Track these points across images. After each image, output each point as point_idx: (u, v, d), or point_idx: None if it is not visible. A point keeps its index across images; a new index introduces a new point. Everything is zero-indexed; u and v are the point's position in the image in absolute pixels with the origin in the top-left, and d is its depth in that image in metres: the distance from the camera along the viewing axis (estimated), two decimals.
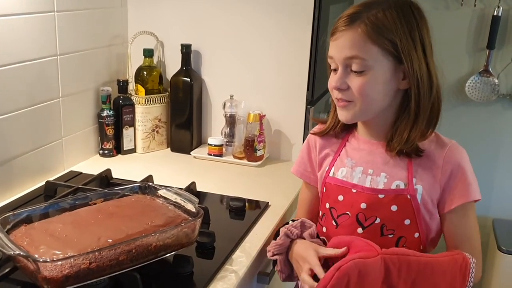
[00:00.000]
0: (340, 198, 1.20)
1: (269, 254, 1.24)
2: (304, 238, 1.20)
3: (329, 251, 1.13)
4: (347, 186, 1.20)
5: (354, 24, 1.09)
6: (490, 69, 2.31)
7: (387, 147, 1.17)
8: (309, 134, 1.33)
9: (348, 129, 1.26)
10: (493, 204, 2.48)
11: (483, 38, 2.31)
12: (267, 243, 1.32)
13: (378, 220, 1.16)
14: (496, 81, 2.31)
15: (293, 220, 1.25)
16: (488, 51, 2.29)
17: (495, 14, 2.24)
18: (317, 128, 1.31)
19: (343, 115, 1.16)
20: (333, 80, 1.13)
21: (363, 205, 1.16)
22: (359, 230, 1.17)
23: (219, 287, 1.10)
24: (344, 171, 1.22)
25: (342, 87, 1.11)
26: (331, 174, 1.24)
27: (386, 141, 1.18)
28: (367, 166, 1.19)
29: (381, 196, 1.15)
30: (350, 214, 1.18)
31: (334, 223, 1.21)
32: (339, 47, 1.11)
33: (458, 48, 2.37)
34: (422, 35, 1.12)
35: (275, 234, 1.25)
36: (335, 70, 1.14)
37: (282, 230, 1.21)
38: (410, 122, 1.13)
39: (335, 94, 1.15)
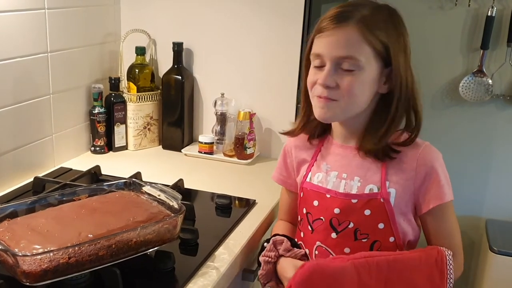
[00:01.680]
0: (315, 203, 1.21)
1: (262, 287, 1.25)
2: (283, 256, 1.20)
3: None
4: (321, 192, 1.20)
5: (347, 23, 1.09)
6: (484, 70, 2.31)
7: (359, 149, 1.17)
8: (287, 141, 1.34)
9: (323, 134, 1.26)
10: (486, 204, 2.48)
11: (477, 38, 2.31)
12: (251, 240, 1.33)
13: (351, 225, 1.16)
14: (490, 81, 2.31)
15: (264, 243, 1.24)
16: (482, 51, 2.29)
17: (489, 14, 2.24)
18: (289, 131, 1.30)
19: (322, 113, 1.15)
20: (320, 77, 1.12)
21: (336, 210, 1.17)
22: (333, 235, 1.18)
23: (200, 283, 1.11)
24: (320, 176, 1.23)
25: (331, 84, 1.11)
26: (308, 180, 1.25)
27: (357, 145, 1.18)
28: (341, 170, 1.20)
29: (354, 201, 1.16)
30: (324, 219, 1.19)
31: (310, 228, 1.23)
32: (331, 45, 1.10)
33: (452, 48, 2.37)
34: (406, 41, 1.14)
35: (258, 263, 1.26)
36: (320, 67, 1.13)
37: (262, 259, 1.22)
38: (386, 125, 1.14)
39: (319, 91, 1.13)
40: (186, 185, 1.55)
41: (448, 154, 1.22)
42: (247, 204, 1.49)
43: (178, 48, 1.86)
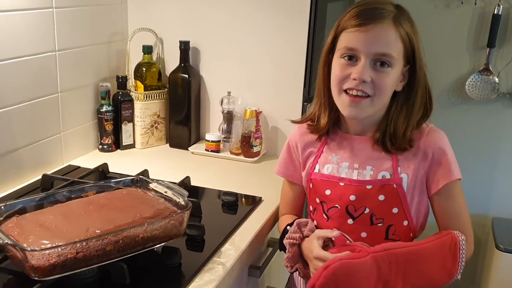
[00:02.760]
0: (328, 192, 1.23)
1: (289, 270, 1.26)
2: (308, 236, 1.21)
3: (325, 233, 1.16)
4: (333, 180, 1.23)
5: (383, 20, 1.12)
6: (491, 68, 2.31)
7: (377, 143, 1.20)
8: (289, 135, 1.36)
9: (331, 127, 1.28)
10: (492, 203, 2.48)
11: (484, 36, 2.31)
12: (256, 237, 1.34)
13: (367, 210, 1.19)
14: (497, 79, 2.31)
15: (287, 226, 1.26)
16: (488, 49, 2.29)
17: (495, 12, 2.24)
18: (308, 126, 1.30)
19: (353, 112, 1.16)
20: (356, 71, 1.12)
21: (352, 197, 1.20)
22: (349, 221, 1.21)
23: (206, 278, 1.12)
24: (329, 167, 1.24)
25: (367, 79, 1.12)
26: (316, 171, 1.26)
27: (371, 136, 1.21)
28: (352, 161, 1.22)
29: (368, 187, 1.19)
30: (339, 207, 1.22)
31: (325, 216, 1.25)
32: (368, 41, 1.12)
33: (459, 47, 2.37)
34: (418, 40, 1.18)
35: (280, 247, 1.28)
36: (351, 61, 1.14)
37: (286, 242, 1.23)
38: (406, 121, 1.18)
39: (352, 84, 1.13)
40: (193, 183, 1.57)
41: (454, 152, 1.23)
42: (253, 201, 1.51)
43: (184, 47, 1.88)
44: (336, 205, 1.22)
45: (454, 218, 1.21)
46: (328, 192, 1.23)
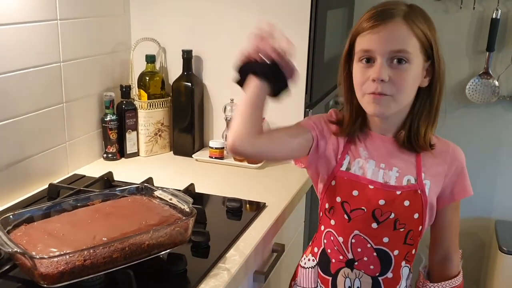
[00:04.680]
0: (355, 193, 1.21)
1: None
2: None
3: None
4: (363, 182, 1.21)
5: (394, 18, 1.13)
6: (490, 71, 2.33)
7: (401, 142, 1.21)
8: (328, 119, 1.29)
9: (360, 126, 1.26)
10: (495, 205, 2.49)
11: (483, 40, 2.32)
12: (261, 242, 1.36)
13: (392, 215, 1.19)
14: (497, 83, 2.32)
15: None
16: (487, 53, 2.31)
17: (494, 16, 2.25)
18: (335, 130, 1.27)
19: (377, 109, 1.16)
20: (373, 72, 1.13)
21: (381, 202, 1.19)
22: (374, 225, 1.20)
23: (211, 284, 1.14)
24: (360, 162, 1.22)
25: (385, 78, 1.12)
26: (343, 168, 1.24)
27: (395, 136, 1.22)
28: (379, 160, 1.22)
29: (398, 192, 1.19)
30: (366, 210, 1.20)
31: (346, 217, 1.23)
32: (381, 40, 1.13)
33: (458, 51, 2.39)
34: (435, 35, 1.18)
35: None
36: (368, 64, 1.15)
37: None
38: (428, 119, 1.20)
39: (372, 88, 1.14)
40: (197, 190, 1.59)
41: None
42: (258, 207, 1.52)
43: (187, 56, 1.90)
44: (363, 208, 1.21)
45: (453, 231, 1.28)
46: (355, 193, 1.21)
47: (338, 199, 1.24)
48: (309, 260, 1.34)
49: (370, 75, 1.14)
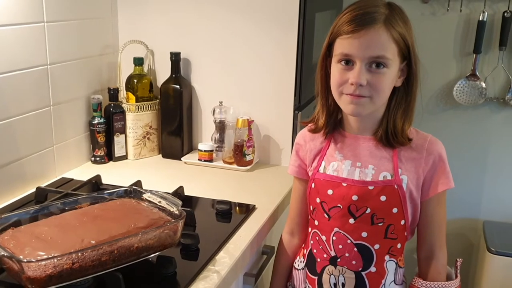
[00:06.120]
0: (330, 192, 1.26)
1: None
2: None
3: None
4: (336, 181, 1.26)
5: (375, 24, 1.15)
6: (477, 73, 2.34)
7: (379, 140, 1.24)
8: (297, 135, 1.40)
9: (335, 126, 1.32)
10: (483, 206, 2.50)
11: (470, 42, 2.34)
12: (251, 244, 1.35)
13: (368, 210, 1.23)
14: (484, 84, 2.34)
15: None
16: (474, 55, 2.32)
17: (480, 19, 2.27)
18: (309, 127, 1.36)
19: (355, 109, 1.20)
20: (352, 76, 1.17)
21: (354, 197, 1.23)
22: (351, 220, 1.24)
23: (201, 287, 1.13)
24: (335, 164, 1.28)
25: (363, 83, 1.16)
26: (321, 170, 1.29)
27: (373, 135, 1.26)
28: (355, 159, 1.26)
29: (371, 187, 1.23)
30: (341, 207, 1.25)
31: (326, 216, 1.28)
32: (362, 46, 1.15)
33: (445, 53, 2.40)
34: (412, 35, 1.21)
35: None
36: (347, 66, 1.18)
37: None
38: (404, 116, 1.24)
39: (350, 89, 1.18)
40: (187, 192, 1.58)
41: None
42: (247, 210, 1.52)
43: (175, 58, 1.90)
44: (339, 205, 1.25)
45: (437, 226, 1.29)
46: (330, 192, 1.26)
47: (318, 200, 1.29)
48: (301, 262, 1.38)
49: (348, 77, 1.18)
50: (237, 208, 1.54)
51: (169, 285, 1.14)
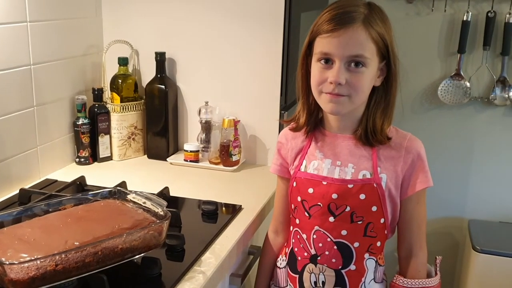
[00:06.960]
0: (310, 190, 1.27)
1: None
2: None
3: None
4: (316, 179, 1.27)
5: (354, 23, 1.16)
6: (462, 73, 2.36)
7: (359, 138, 1.25)
8: (280, 134, 1.40)
9: (316, 125, 1.32)
10: (468, 205, 2.52)
11: (454, 42, 2.35)
12: (237, 244, 1.35)
13: (348, 209, 1.24)
14: (468, 84, 2.36)
15: None
16: (459, 55, 2.34)
17: (464, 19, 2.29)
18: (290, 126, 1.36)
19: (334, 108, 1.21)
20: (331, 75, 1.18)
21: (334, 196, 1.24)
22: (331, 219, 1.25)
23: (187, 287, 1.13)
24: (315, 163, 1.29)
25: (342, 82, 1.17)
26: (302, 169, 1.30)
27: (353, 134, 1.27)
28: (335, 158, 1.27)
29: (350, 186, 1.23)
30: (322, 205, 1.26)
31: (306, 214, 1.29)
32: (341, 45, 1.16)
33: (430, 53, 2.41)
34: (391, 35, 1.22)
35: None
36: (327, 65, 1.19)
37: None
38: (384, 115, 1.25)
39: (329, 88, 1.19)
40: (172, 193, 1.57)
41: (429, 157, 1.29)
42: (233, 210, 1.51)
43: (160, 58, 1.88)
44: (319, 203, 1.26)
45: (417, 224, 1.30)
46: (311, 190, 1.27)
47: (299, 199, 1.30)
48: (283, 260, 1.39)
49: (328, 76, 1.19)
50: (223, 208, 1.53)
51: (154, 286, 1.13)
